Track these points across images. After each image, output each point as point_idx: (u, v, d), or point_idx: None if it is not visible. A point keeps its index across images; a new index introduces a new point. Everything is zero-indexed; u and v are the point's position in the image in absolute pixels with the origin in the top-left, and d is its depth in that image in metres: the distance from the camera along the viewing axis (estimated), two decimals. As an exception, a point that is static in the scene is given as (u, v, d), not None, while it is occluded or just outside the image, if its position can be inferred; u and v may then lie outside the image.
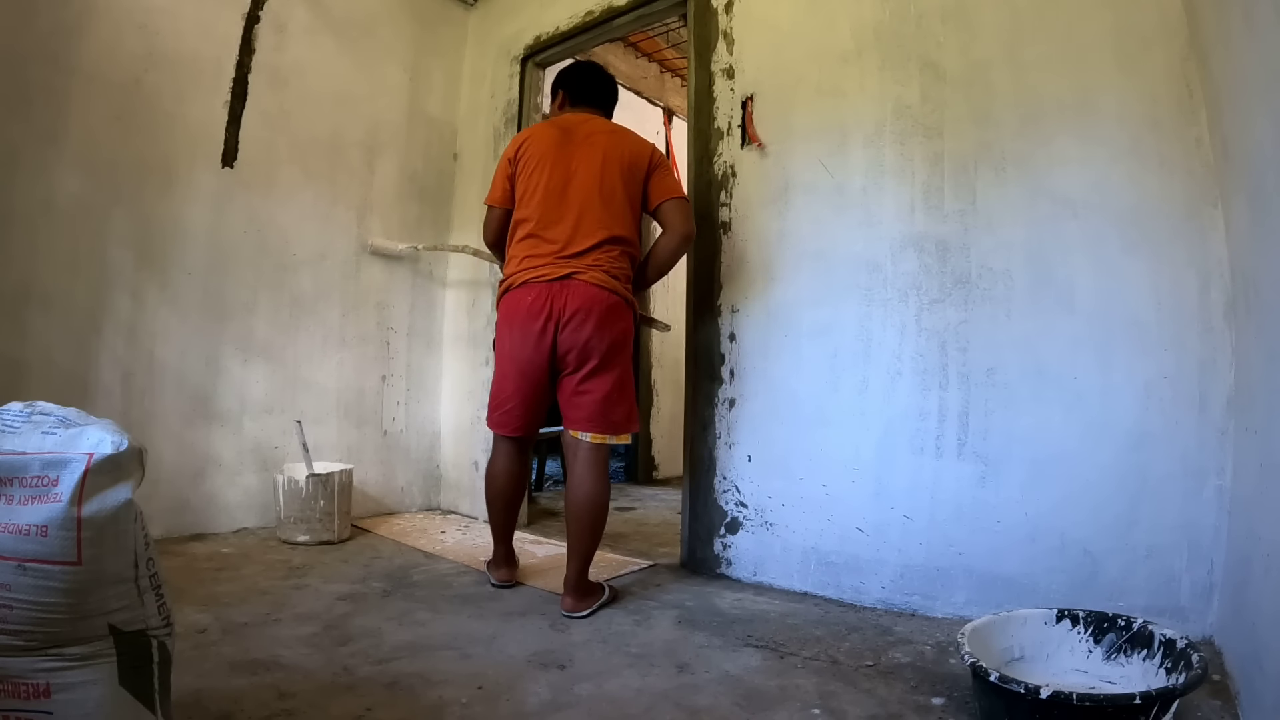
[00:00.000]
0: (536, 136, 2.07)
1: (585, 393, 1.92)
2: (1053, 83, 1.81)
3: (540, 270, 1.92)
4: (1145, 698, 1.09)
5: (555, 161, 1.99)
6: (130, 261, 2.43)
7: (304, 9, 2.86)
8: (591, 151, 1.99)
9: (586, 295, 1.88)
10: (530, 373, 1.95)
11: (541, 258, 1.94)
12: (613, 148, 2.00)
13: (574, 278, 1.89)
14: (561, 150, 2.01)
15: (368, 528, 2.83)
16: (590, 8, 2.85)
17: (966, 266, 1.90)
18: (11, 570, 0.85)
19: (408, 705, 1.31)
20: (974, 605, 1.77)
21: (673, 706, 1.33)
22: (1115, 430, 1.69)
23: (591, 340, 1.89)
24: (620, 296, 1.94)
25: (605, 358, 1.91)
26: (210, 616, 1.73)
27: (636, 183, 2.00)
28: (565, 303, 1.88)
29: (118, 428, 0.97)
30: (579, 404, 1.93)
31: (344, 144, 3.00)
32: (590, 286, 1.89)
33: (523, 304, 1.93)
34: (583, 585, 1.90)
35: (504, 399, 2.03)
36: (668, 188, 2.02)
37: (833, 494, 2.07)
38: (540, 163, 2.00)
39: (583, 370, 1.92)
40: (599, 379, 1.92)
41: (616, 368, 1.94)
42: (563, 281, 1.89)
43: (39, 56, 2.23)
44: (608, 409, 1.93)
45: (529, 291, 1.92)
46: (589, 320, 1.88)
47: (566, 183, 1.97)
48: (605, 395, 1.92)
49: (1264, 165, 1.19)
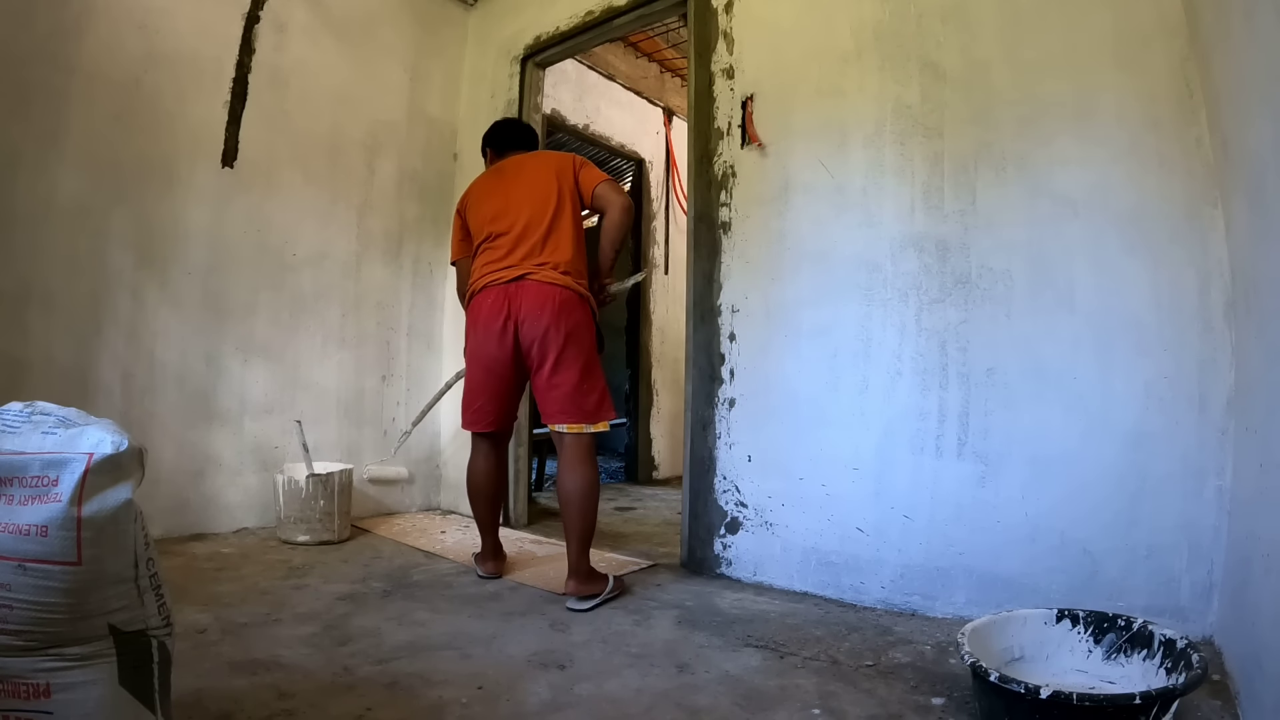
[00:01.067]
0: (476, 184, 2.29)
1: (555, 386, 2.02)
2: (1053, 83, 1.81)
3: (496, 274, 2.07)
4: (1145, 698, 1.09)
5: (495, 192, 2.19)
6: (130, 261, 2.43)
7: (304, 9, 2.87)
8: (521, 175, 2.18)
9: (539, 292, 2.01)
10: (495, 369, 2.09)
11: (496, 263, 2.09)
12: (539, 166, 2.18)
13: (526, 278, 2.03)
14: (499, 183, 2.21)
15: (368, 528, 2.83)
16: (590, 8, 2.85)
17: (966, 266, 1.90)
18: (11, 570, 0.85)
19: (408, 705, 1.31)
20: (974, 605, 1.77)
21: (673, 706, 1.33)
22: (1115, 430, 1.69)
23: (549, 333, 2.00)
24: (572, 290, 2.05)
25: (564, 349, 2.02)
26: (210, 616, 1.73)
27: (569, 186, 2.14)
28: (520, 301, 2.02)
29: (118, 428, 0.97)
30: (551, 398, 2.03)
31: (344, 144, 3.00)
32: (541, 284, 2.02)
33: (484, 306, 2.08)
34: (584, 570, 1.98)
35: (473, 397, 2.16)
36: (593, 177, 2.15)
37: (833, 494, 2.07)
38: (483, 199, 2.21)
39: (547, 364, 2.02)
40: (565, 372, 2.02)
41: (578, 358, 2.03)
42: (517, 282, 2.03)
43: (39, 56, 2.23)
44: (578, 399, 2.02)
45: (489, 294, 2.07)
46: (544, 314, 2.00)
47: (507, 203, 2.14)
48: (575, 386, 2.02)
49: (1264, 165, 1.19)
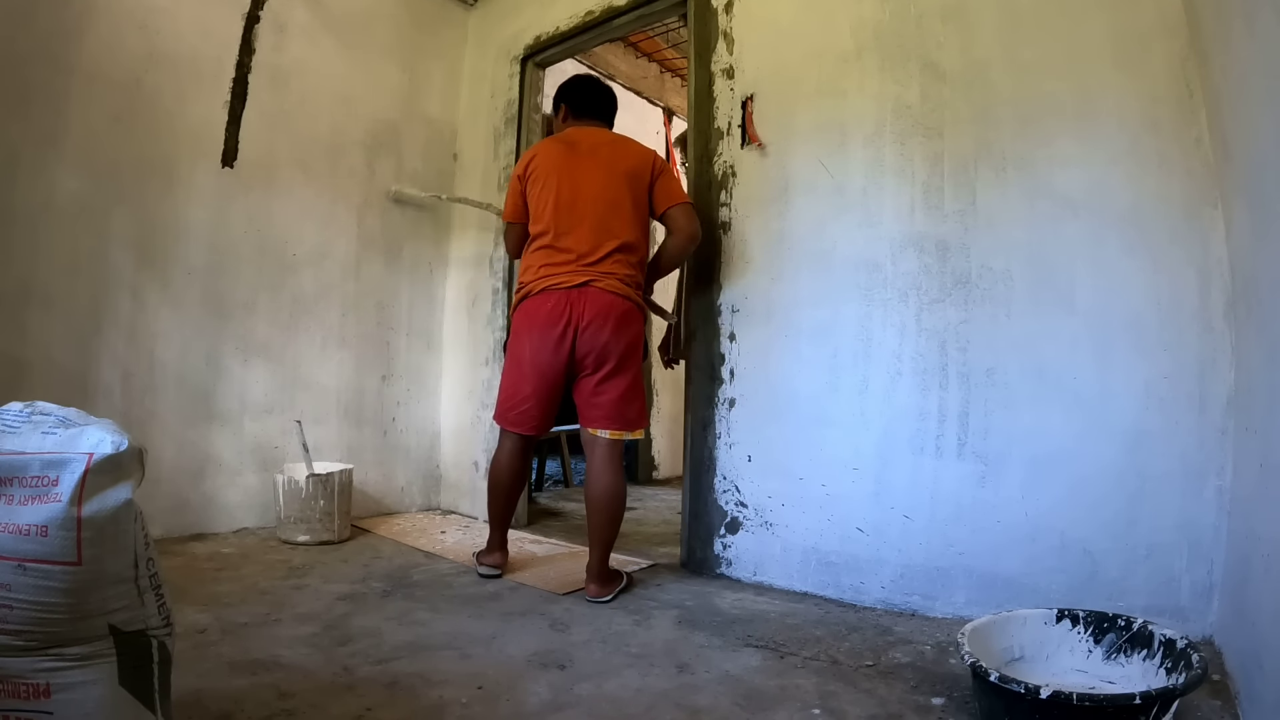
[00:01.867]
0: (543, 152, 2.18)
1: (603, 393, 2.04)
2: (1052, 83, 1.81)
3: (558, 278, 2.03)
4: (1145, 698, 1.09)
5: (563, 175, 2.10)
6: (130, 261, 2.43)
7: (304, 9, 2.86)
8: (597, 163, 2.11)
9: (603, 301, 2.01)
10: (549, 375, 2.06)
11: (558, 266, 2.05)
12: (617, 159, 2.12)
13: (590, 285, 2.01)
14: (568, 164, 2.12)
15: (368, 528, 2.83)
16: (590, 8, 2.85)
17: (966, 266, 1.90)
18: (11, 570, 0.85)
19: (408, 705, 1.32)
20: (974, 605, 1.77)
21: (673, 706, 1.33)
22: (1115, 430, 1.69)
23: (609, 344, 2.01)
24: (633, 302, 2.07)
25: (621, 360, 2.04)
26: (210, 616, 1.73)
27: (642, 190, 2.11)
28: (584, 309, 2.01)
29: (118, 428, 0.97)
30: (598, 404, 2.05)
31: (344, 144, 3.00)
32: (606, 294, 2.02)
33: (542, 310, 2.04)
34: (605, 572, 2.02)
35: (521, 399, 2.12)
36: (671, 193, 2.13)
37: (833, 494, 2.07)
38: (549, 177, 2.11)
39: (600, 372, 2.03)
40: (615, 380, 2.04)
41: (631, 369, 2.07)
42: (580, 289, 2.01)
43: (39, 56, 2.23)
44: (624, 407, 2.05)
45: (548, 298, 2.03)
46: (606, 325, 2.00)
47: (575, 195, 2.07)
48: (621, 395, 2.04)
49: (1264, 165, 1.19)
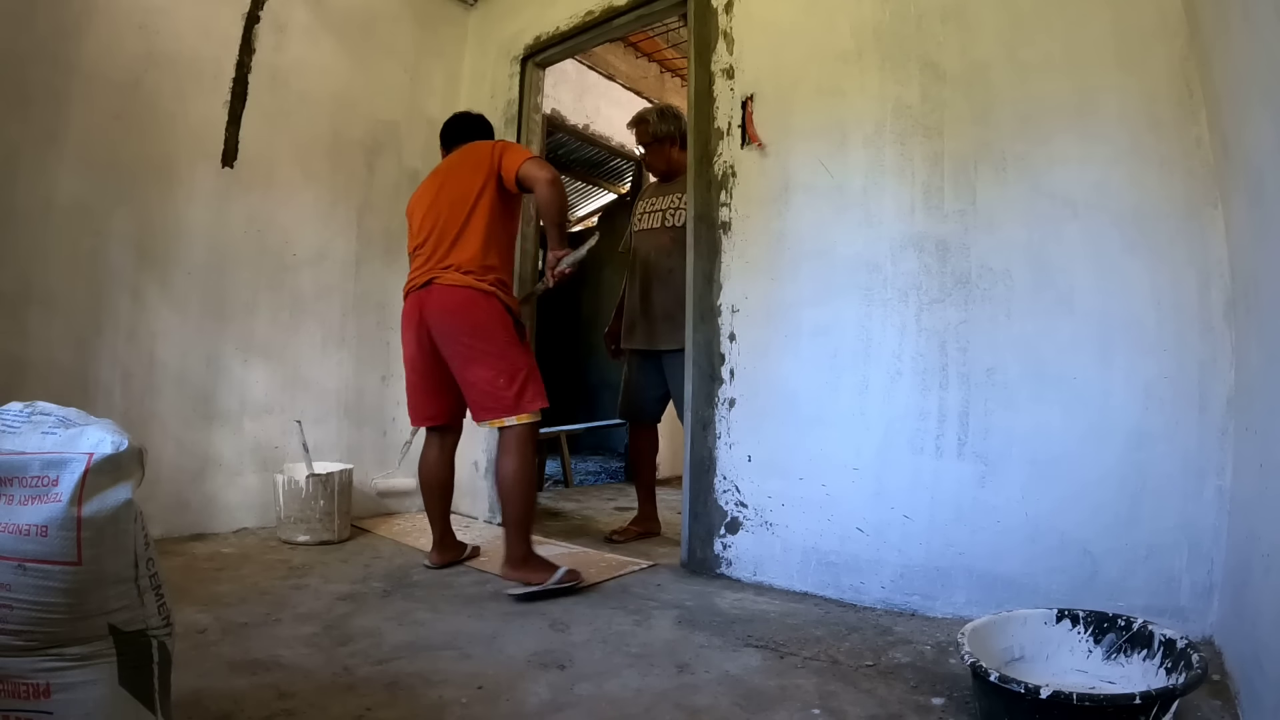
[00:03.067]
0: (419, 188, 2.40)
1: (470, 384, 2.13)
2: (1053, 82, 1.81)
3: (412, 281, 2.24)
4: (1145, 698, 1.09)
5: (425, 197, 2.31)
6: (130, 261, 2.43)
7: (304, 9, 2.86)
8: (449, 174, 2.28)
9: (441, 295, 2.13)
10: (420, 368, 2.25)
11: (414, 272, 2.25)
12: (464, 161, 2.25)
13: (434, 282, 2.15)
14: (431, 186, 2.32)
15: (368, 528, 2.83)
16: (590, 8, 2.85)
17: (966, 266, 1.89)
18: (11, 570, 0.85)
19: (408, 705, 1.31)
20: (974, 605, 1.77)
21: (673, 706, 1.33)
22: (1115, 430, 1.69)
23: (454, 333, 2.12)
24: (472, 289, 2.12)
25: (471, 346, 2.11)
26: (210, 616, 1.73)
27: (491, 176, 2.18)
28: (429, 304, 2.15)
29: (118, 428, 0.97)
30: (470, 395, 2.16)
31: (344, 144, 3.00)
32: (444, 287, 2.13)
33: (405, 311, 2.26)
34: (518, 555, 2.05)
35: (410, 395, 2.35)
36: (515, 158, 2.18)
37: (833, 494, 2.07)
38: (418, 204, 2.33)
39: (458, 362, 2.14)
40: (475, 367, 2.11)
41: (488, 353, 2.10)
42: (426, 287, 2.17)
43: (39, 56, 2.23)
44: (495, 392, 2.09)
45: (408, 301, 2.25)
46: (446, 317, 2.12)
47: (430, 207, 2.25)
48: (489, 381, 2.09)
49: (1264, 165, 1.19)
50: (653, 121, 2.83)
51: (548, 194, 2.12)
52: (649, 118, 2.85)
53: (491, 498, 3.03)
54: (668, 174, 2.88)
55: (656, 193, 2.89)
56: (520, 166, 2.13)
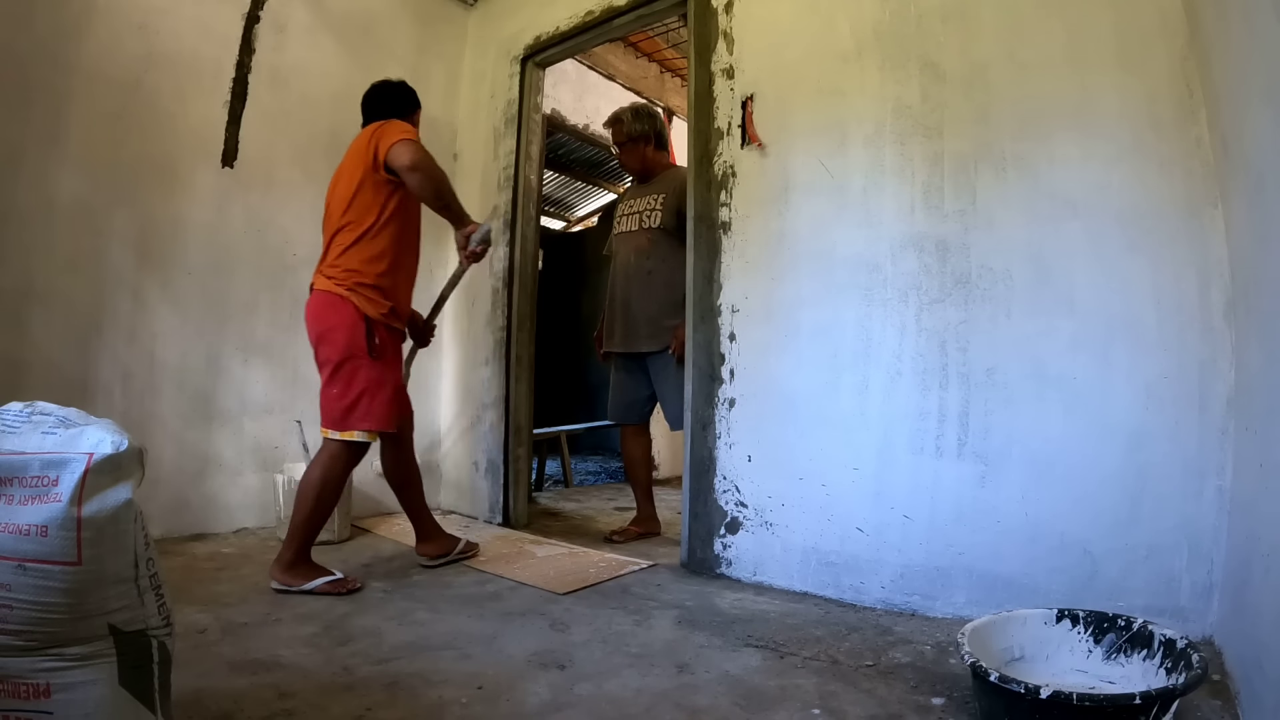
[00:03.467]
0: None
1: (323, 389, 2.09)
2: (1053, 83, 1.81)
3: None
4: (1145, 698, 1.09)
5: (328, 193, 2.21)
6: (130, 261, 2.43)
7: (304, 9, 2.86)
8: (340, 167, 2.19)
9: (310, 302, 2.11)
10: None
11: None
12: (350, 150, 2.16)
13: (313, 288, 2.12)
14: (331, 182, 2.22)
15: (368, 528, 2.83)
16: (590, 8, 2.85)
17: (966, 266, 1.89)
18: (11, 570, 0.85)
19: (408, 705, 1.32)
20: (974, 605, 1.77)
21: (673, 706, 1.33)
22: (1115, 430, 1.69)
23: (314, 338, 2.10)
24: (329, 293, 2.05)
25: (317, 351, 2.09)
26: (210, 616, 1.73)
27: (368, 167, 2.06)
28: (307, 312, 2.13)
29: (118, 428, 0.97)
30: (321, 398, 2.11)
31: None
32: (314, 293, 2.10)
33: None
34: (286, 557, 2.00)
35: None
36: (386, 144, 2.04)
37: (833, 494, 2.07)
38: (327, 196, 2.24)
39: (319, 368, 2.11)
40: (322, 373, 2.09)
41: (330, 360, 2.05)
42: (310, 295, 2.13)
43: (39, 56, 2.23)
44: (327, 402, 2.06)
45: None
46: (307, 321, 2.11)
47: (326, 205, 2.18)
48: (324, 388, 2.07)
49: (1264, 165, 1.19)
50: (627, 121, 2.84)
51: (413, 182, 2.02)
52: (624, 117, 2.86)
53: (492, 498, 3.04)
54: (643, 174, 2.91)
55: (634, 194, 2.92)
56: (388, 153, 2.01)
